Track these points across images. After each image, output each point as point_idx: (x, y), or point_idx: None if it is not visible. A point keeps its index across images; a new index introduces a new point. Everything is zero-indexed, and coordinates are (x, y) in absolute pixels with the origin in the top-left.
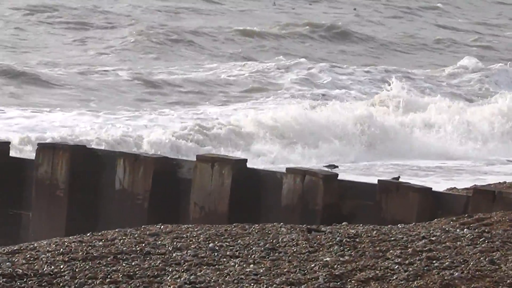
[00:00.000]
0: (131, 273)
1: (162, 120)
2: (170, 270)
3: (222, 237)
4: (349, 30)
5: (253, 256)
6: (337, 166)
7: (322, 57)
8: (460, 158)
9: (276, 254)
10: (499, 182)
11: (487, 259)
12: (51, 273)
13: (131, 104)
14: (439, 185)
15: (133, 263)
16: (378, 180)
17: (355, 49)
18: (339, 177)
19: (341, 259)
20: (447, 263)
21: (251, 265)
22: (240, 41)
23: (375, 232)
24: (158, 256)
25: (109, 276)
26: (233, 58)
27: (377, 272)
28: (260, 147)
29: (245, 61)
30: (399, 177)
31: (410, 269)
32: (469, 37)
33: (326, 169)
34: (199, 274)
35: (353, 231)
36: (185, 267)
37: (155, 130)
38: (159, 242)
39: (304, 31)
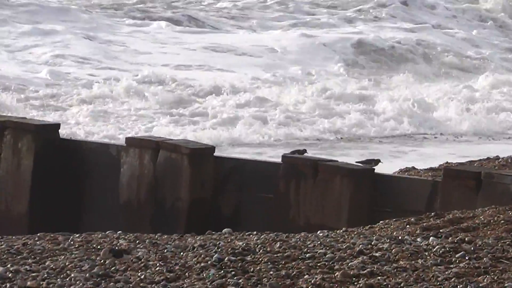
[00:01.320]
0: None
1: None
2: None
3: (18, 257)
4: None
5: None
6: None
7: None
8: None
9: (111, 285)
10: (488, 158)
11: None
12: None
13: None
14: (387, 165)
15: None
16: (283, 157)
17: None
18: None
19: None
20: None
21: None
22: None
23: (278, 244)
24: None
25: None
26: None
27: None
28: None
29: None
30: (304, 150)
31: None
32: None
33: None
34: None
35: (241, 243)
36: None
37: None
38: None
39: None
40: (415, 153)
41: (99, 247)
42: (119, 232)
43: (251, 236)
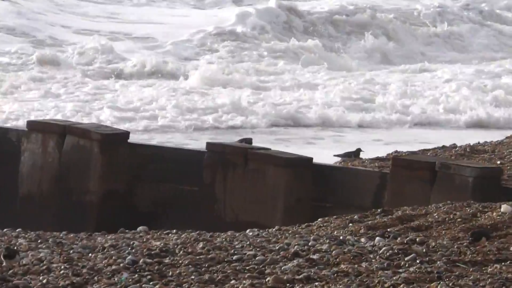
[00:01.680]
0: None
1: None
2: None
3: None
4: None
5: None
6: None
7: None
8: None
9: None
10: (443, 146)
11: None
12: None
13: None
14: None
15: None
16: (208, 144)
17: None
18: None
19: None
20: None
21: None
22: None
23: (201, 244)
24: None
25: None
26: None
27: None
28: None
29: None
30: (250, 139)
31: None
32: None
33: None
34: None
35: (158, 243)
36: None
37: None
38: None
39: None
40: (331, 139)
41: None
42: (18, 230)
43: (170, 235)
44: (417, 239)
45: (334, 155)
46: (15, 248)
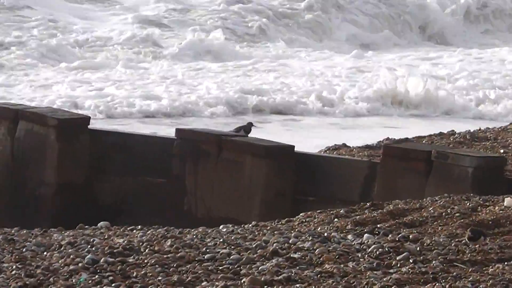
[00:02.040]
0: None
1: None
2: None
3: None
4: None
5: None
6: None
7: None
8: None
9: None
10: (440, 133)
11: None
12: None
13: None
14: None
15: None
16: (177, 130)
17: None
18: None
19: None
20: None
21: None
22: None
23: (169, 242)
24: None
25: None
26: None
27: None
28: None
29: None
30: (250, 123)
31: None
32: None
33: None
34: None
35: (121, 240)
36: None
37: None
38: None
39: None
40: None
41: None
42: None
43: (134, 231)
44: (410, 236)
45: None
46: None
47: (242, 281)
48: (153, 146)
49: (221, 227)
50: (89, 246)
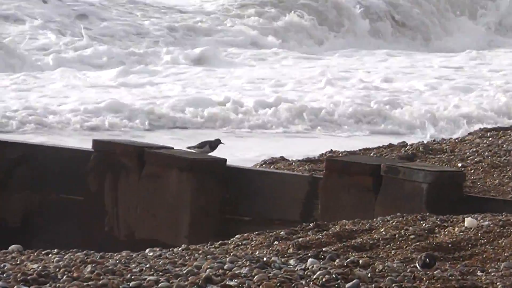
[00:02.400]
0: None
1: None
2: None
3: None
4: None
5: None
6: None
7: None
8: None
9: None
10: (390, 144)
11: None
12: None
13: None
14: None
15: None
16: (94, 141)
17: None
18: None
19: None
20: None
21: None
22: None
23: (89, 267)
24: None
25: None
26: None
27: None
28: None
29: None
30: (218, 140)
31: None
32: None
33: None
34: None
35: (35, 266)
36: None
37: None
38: None
39: None
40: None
41: None
42: None
43: (50, 255)
44: (360, 261)
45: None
46: None
47: None
48: (68, 160)
49: (147, 250)
50: None
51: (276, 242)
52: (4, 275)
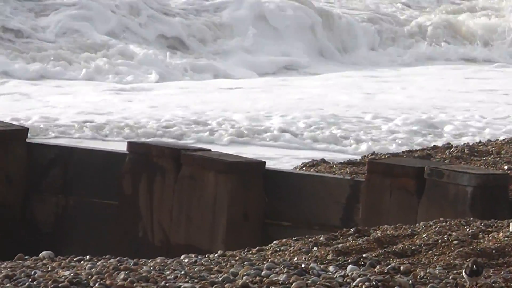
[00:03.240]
0: None
1: None
2: None
3: None
4: None
5: None
6: None
7: None
8: None
9: None
10: (434, 146)
11: None
12: None
13: None
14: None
15: None
16: (129, 143)
17: None
18: None
19: None
20: None
21: None
22: None
23: (123, 275)
24: None
25: None
26: None
27: None
28: None
29: None
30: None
31: None
32: None
33: None
34: None
35: (67, 273)
36: None
37: None
38: None
39: None
40: None
41: None
42: None
43: (82, 262)
44: (402, 268)
45: None
46: None
47: None
48: (102, 162)
49: (182, 257)
50: (30, 280)
51: (315, 248)
52: (35, 283)
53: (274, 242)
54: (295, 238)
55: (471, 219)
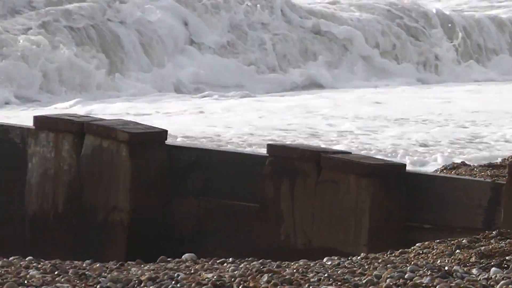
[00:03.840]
0: None
1: None
2: None
3: None
4: None
5: None
6: None
7: None
8: None
9: None
10: None
11: None
12: None
13: None
14: None
15: None
16: (269, 146)
17: None
18: None
19: None
20: None
21: None
22: None
23: (266, 277)
24: None
25: None
26: None
27: None
28: None
29: None
30: None
31: None
32: None
33: None
34: None
35: (210, 275)
36: None
37: None
38: None
39: None
40: None
41: None
42: (29, 258)
43: (225, 265)
44: None
45: None
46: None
47: None
48: (242, 164)
49: (325, 259)
50: (173, 282)
51: (457, 251)
52: (178, 285)
53: (417, 244)
54: (438, 240)
55: None
